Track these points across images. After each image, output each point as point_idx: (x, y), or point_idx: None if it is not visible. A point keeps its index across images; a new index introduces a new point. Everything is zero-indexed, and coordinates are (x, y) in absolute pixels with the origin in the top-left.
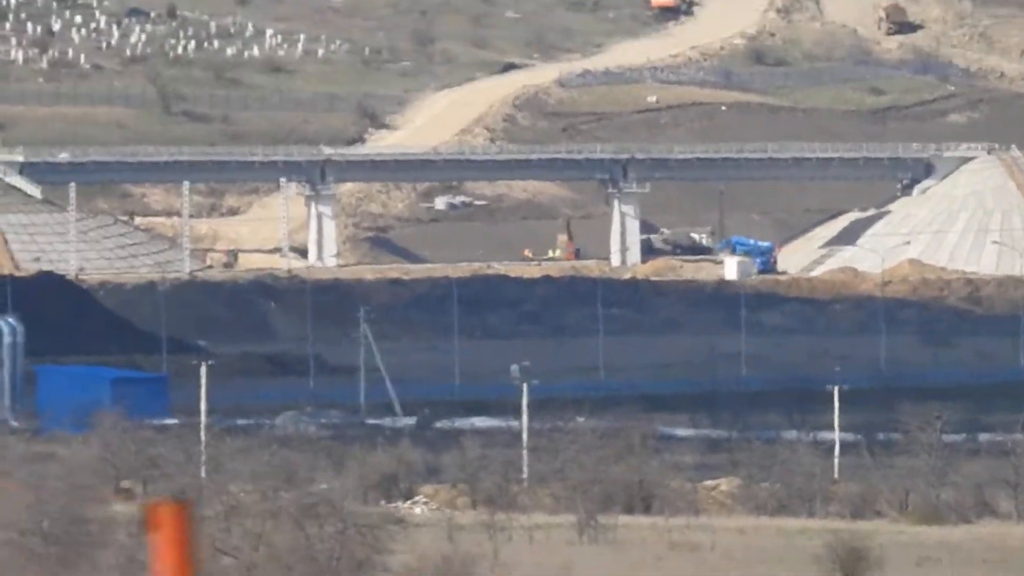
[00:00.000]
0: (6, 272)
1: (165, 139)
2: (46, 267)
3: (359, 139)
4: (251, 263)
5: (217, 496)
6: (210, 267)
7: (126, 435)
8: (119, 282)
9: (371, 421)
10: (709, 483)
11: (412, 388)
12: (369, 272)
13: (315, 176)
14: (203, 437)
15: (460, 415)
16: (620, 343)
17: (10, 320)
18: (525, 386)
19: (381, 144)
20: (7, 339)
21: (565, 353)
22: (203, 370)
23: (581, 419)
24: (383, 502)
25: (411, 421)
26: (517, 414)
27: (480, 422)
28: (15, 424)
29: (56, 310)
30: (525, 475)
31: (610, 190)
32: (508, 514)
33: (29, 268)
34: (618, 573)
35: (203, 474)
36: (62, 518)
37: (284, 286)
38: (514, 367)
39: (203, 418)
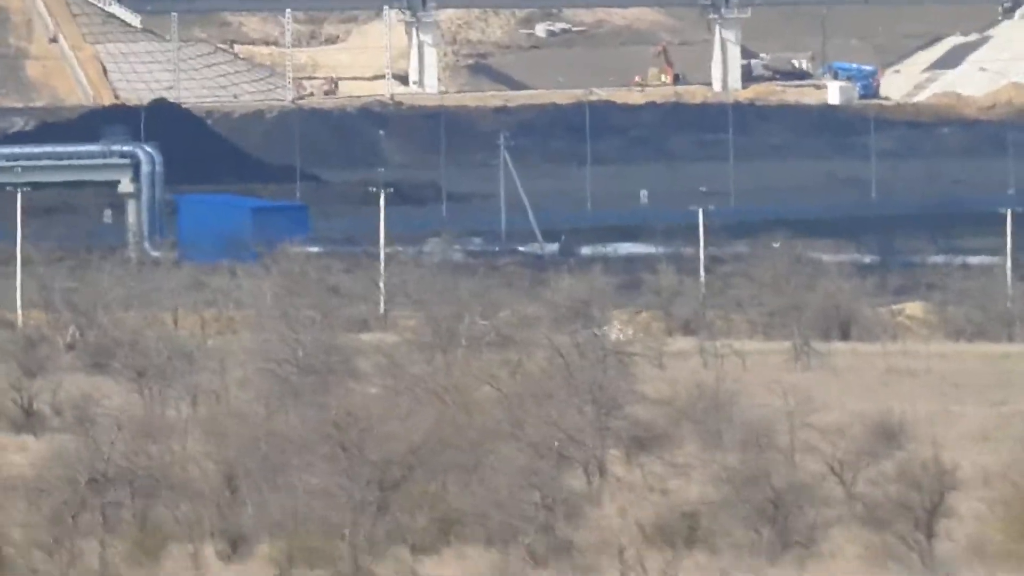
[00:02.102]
0: (106, 101)
1: None
2: (146, 96)
3: None
4: (351, 91)
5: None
6: (311, 95)
7: (307, 264)
8: (224, 110)
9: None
10: (895, 307)
11: (542, 215)
12: (471, 99)
13: (416, 3)
14: (382, 264)
15: (597, 241)
16: (731, 168)
17: (147, 148)
18: (701, 211)
19: None
20: (145, 168)
21: (679, 178)
22: (382, 198)
23: (776, 244)
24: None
25: (554, 247)
26: (660, 239)
27: (625, 248)
28: (156, 254)
29: (174, 138)
30: (702, 298)
31: (711, 16)
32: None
33: (129, 97)
34: (856, 398)
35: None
36: (316, 348)
37: (390, 113)
38: (643, 192)
39: (382, 245)
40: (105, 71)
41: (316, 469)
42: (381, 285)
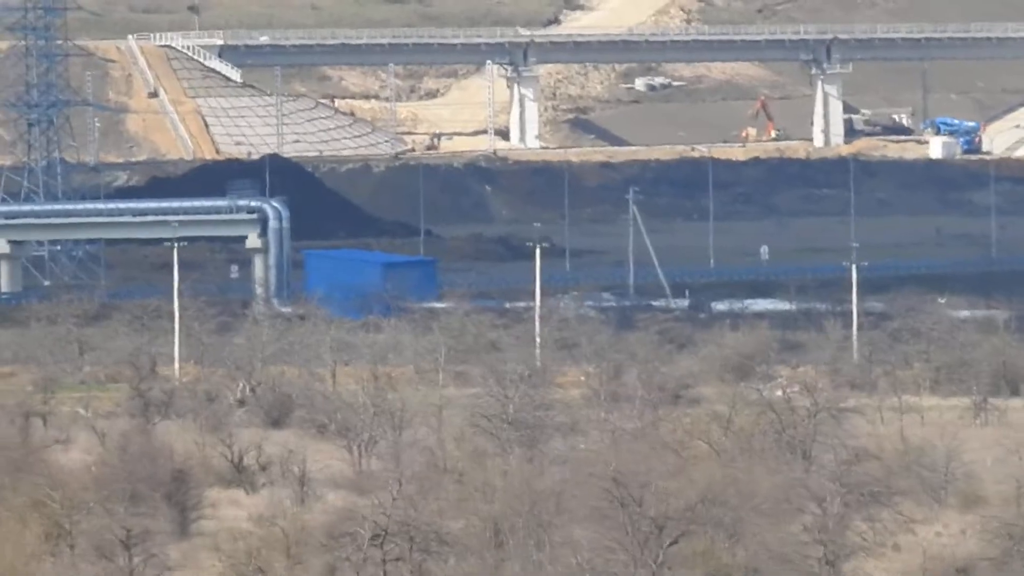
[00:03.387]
0: (207, 155)
1: (359, 21)
2: (247, 150)
3: (555, 20)
4: (452, 146)
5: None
6: (412, 150)
7: (466, 318)
8: (330, 165)
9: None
10: None
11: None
12: (573, 155)
13: (518, 58)
14: (537, 319)
15: (721, 296)
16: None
17: (274, 203)
18: (854, 267)
19: (578, 25)
20: (273, 223)
21: (787, 234)
22: (537, 253)
23: (942, 300)
24: (742, 384)
25: (684, 303)
26: (790, 295)
27: (761, 304)
28: (286, 309)
29: (287, 193)
30: (855, 356)
31: (813, 71)
32: (879, 396)
33: (230, 152)
34: None
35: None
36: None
37: (496, 168)
38: (764, 248)
39: (537, 300)
40: (207, 125)
41: (587, 525)
42: (538, 339)
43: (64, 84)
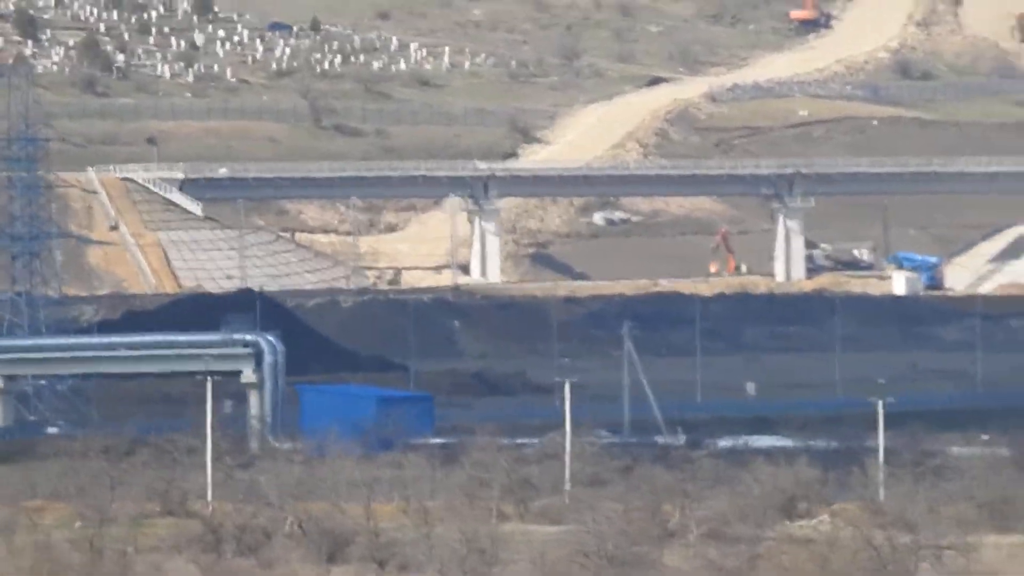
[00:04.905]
0: (169, 288)
1: (318, 154)
2: (207, 284)
3: (512, 154)
4: (413, 280)
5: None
6: (374, 284)
7: (499, 454)
8: (298, 299)
9: (633, 440)
10: None
11: (644, 405)
12: (535, 289)
13: (479, 191)
14: (567, 454)
15: (717, 433)
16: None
17: (269, 338)
18: (880, 403)
19: (535, 159)
20: (268, 357)
21: (758, 370)
22: (567, 388)
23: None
24: (786, 522)
25: (681, 439)
26: (788, 431)
27: (765, 440)
28: (285, 446)
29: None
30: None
31: (775, 205)
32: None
33: (190, 285)
34: None
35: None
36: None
37: (464, 303)
38: (749, 384)
39: (567, 435)
40: (168, 259)
41: None
42: (567, 475)
43: (47, 216)
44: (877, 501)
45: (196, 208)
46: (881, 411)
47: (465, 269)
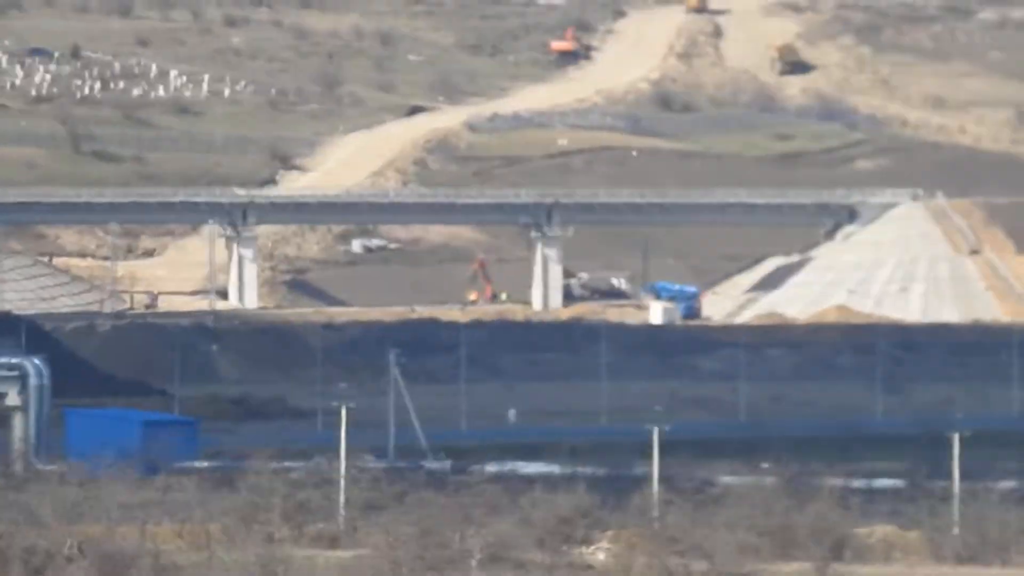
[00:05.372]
0: None
1: (76, 179)
2: None
3: (271, 181)
4: (171, 305)
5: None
6: (131, 309)
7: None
8: (55, 323)
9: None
10: (862, 530)
11: (406, 431)
12: (292, 315)
13: (237, 218)
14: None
15: (481, 459)
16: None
17: (36, 361)
18: (655, 429)
19: (295, 186)
20: (34, 380)
21: (518, 397)
22: (343, 412)
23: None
24: (564, 547)
25: (446, 464)
26: (553, 457)
27: (532, 467)
28: (50, 467)
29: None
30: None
31: (533, 234)
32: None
33: None
34: None
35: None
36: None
37: (223, 328)
38: (511, 411)
39: (343, 459)
40: None
41: None
42: (341, 500)
43: None
44: (656, 528)
45: None
46: (656, 438)
47: (223, 295)
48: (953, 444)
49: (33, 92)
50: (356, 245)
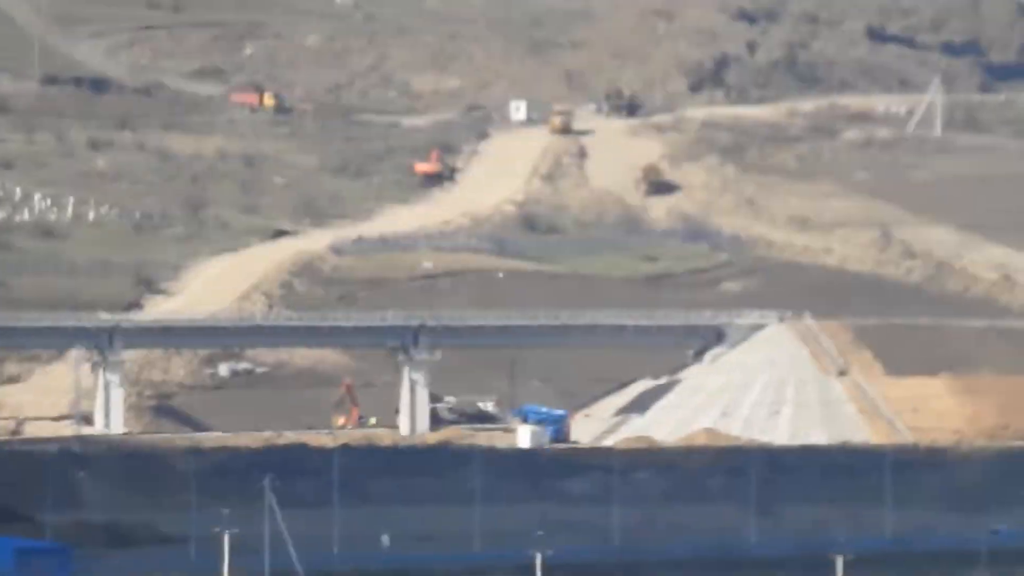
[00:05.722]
0: None
1: None
2: None
3: (136, 305)
4: (37, 431)
5: None
6: None
7: None
8: None
9: None
10: None
11: (282, 557)
12: (159, 440)
13: (103, 343)
14: None
15: None
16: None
17: None
18: (539, 555)
19: (160, 310)
20: None
21: (387, 522)
22: (226, 539)
23: None
24: None
25: None
26: None
27: None
28: None
29: None
30: None
31: (400, 358)
32: None
33: None
34: None
35: None
36: None
37: (90, 453)
38: (384, 536)
39: None
40: None
41: None
42: None
43: None
44: None
45: None
46: (539, 562)
47: (89, 420)
48: (837, 566)
49: None
50: (223, 369)
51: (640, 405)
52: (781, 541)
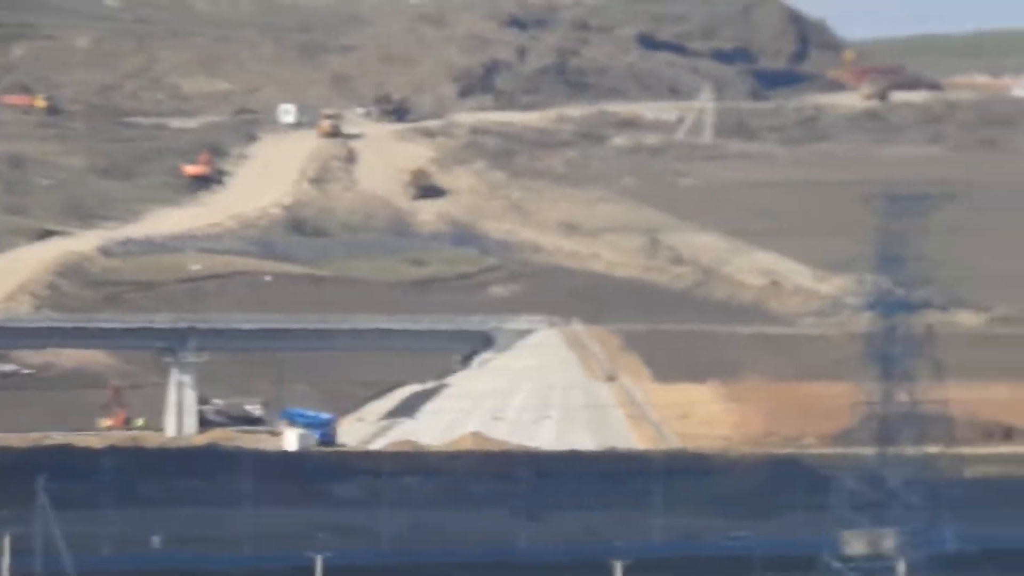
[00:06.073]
0: None
1: None
2: None
3: None
4: None
5: None
6: None
7: None
8: None
9: None
10: None
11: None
12: None
13: None
14: None
15: None
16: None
17: None
18: (320, 558)
19: None
20: None
21: (155, 523)
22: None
23: None
24: None
25: None
26: None
27: None
28: None
29: None
30: None
31: (167, 359)
32: None
33: None
34: None
35: None
36: None
37: None
38: (155, 538)
39: None
40: None
41: None
42: None
43: None
44: None
45: None
46: (319, 564)
47: None
48: (616, 571)
49: None
50: None
51: (408, 409)
52: (553, 547)
